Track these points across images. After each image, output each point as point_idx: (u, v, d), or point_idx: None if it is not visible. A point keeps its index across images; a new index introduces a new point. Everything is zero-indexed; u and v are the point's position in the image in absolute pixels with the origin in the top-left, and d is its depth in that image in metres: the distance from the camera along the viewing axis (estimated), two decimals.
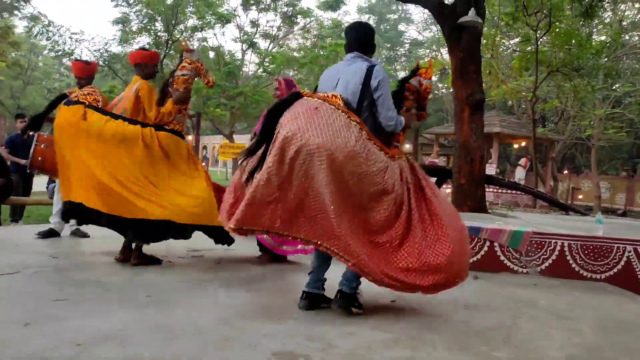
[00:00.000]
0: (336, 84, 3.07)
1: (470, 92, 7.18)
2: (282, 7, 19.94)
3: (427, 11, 12.94)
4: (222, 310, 3.03)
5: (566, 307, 3.74)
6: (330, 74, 3.19)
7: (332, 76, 3.14)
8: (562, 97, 17.23)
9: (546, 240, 4.90)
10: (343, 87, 3.04)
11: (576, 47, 12.04)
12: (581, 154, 25.54)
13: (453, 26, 7.10)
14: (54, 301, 3.01)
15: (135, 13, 15.98)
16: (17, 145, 7.53)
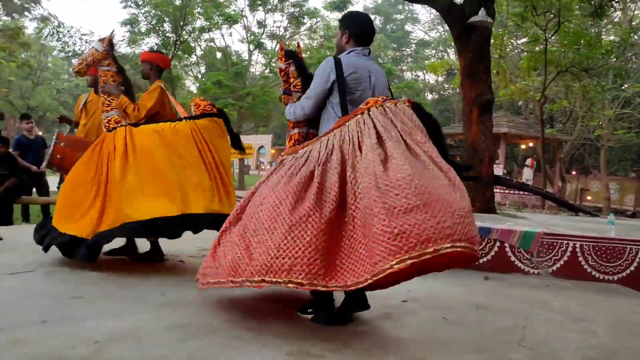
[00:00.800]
0: (372, 84, 2.89)
1: (479, 92, 7.17)
2: (289, 8, 19.97)
3: (433, 11, 12.93)
4: (236, 310, 3.05)
5: (579, 309, 3.73)
6: (362, 69, 2.86)
7: (365, 73, 2.87)
8: (571, 97, 17.15)
9: (557, 241, 4.88)
10: (381, 89, 2.91)
11: (585, 47, 11.98)
12: (589, 154, 25.40)
13: (462, 26, 7.08)
14: (69, 299, 3.03)
15: (144, 14, 16.07)
16: (24, 146, 7.59)
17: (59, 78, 32.24)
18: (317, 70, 2.89)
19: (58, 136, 4.44)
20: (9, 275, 3.52)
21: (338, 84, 2.81)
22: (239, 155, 16.12)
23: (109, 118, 4.07)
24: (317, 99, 2.88)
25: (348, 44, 2.94)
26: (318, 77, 2.86)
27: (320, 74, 2.86)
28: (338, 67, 2.81)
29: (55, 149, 4.37)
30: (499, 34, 13.33)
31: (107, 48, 4.13)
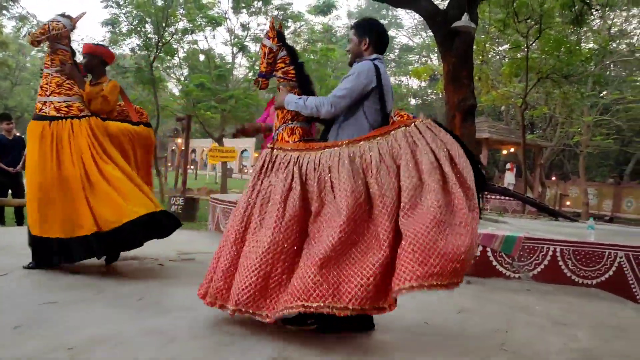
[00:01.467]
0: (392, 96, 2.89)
1: (462, 97, 7.20)
2: (273, 11, 19.92)
3: (417, 17, 13.04)
4: (217, 315, 2.99)
5: (561, 313, 3.75)
6: (389, 80, 2.84)
7: (389, 84, 2.85)
8: (551, 104, 17.38)
9: (538, 246, 4.91)
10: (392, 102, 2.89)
11: (565, 54, 12.15)
12: (569, 160, 25.78)
13: (446, 32, 7.11)
14: (44, 304, 2.94)
15: (125, 15, 15.83)
16: (3, 147, 7.40)
17: (38, 78, 31.71)
18: (356, 72, 2.72)
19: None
20: None
21: (379, 90, 2.75)
22: (222, 159, 15.92)
23: (70, 104, 3.81)
24: (351, 101, 2.72)
25: (367, 50, 2.86)
26: (358, 79, 2.70)
27: (362, 76, 2.71)
28: (378, 74, 2.74)
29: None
30: (481, 40, 13.45)
31: (72, 27, 3.92)
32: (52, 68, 3.84)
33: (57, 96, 3.80)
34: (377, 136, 2.62)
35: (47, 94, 3.80)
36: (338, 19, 29.13)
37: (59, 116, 3.75)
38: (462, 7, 6.82)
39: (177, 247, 5.32)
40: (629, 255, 4.79)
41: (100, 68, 4.18)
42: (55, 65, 3.84)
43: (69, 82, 3.86)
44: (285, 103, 2.88)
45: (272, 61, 2.98)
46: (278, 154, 2.79)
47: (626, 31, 17.90)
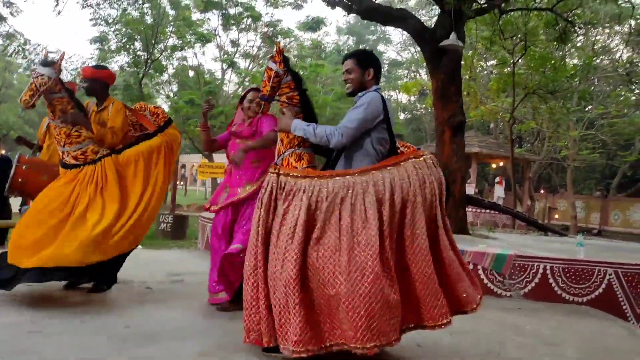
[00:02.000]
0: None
1: (451, 114, 7.25)
2: (262, 28, 20.03)
3: (405, 32, 13.14)
4: (204, 341, 2.94)
5: (551, 332, 3.73)
6: (392, 114, 2.91)
7: (393, 116, 2.93)
8: (538, 119, 17.55)
9: (528, 263, 4.91)
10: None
11: (551, 70, 12.31)
12: (557, 173, 25.98)
13: (434, 49, 7.18)
14: (26, 333, 2.88)
15: (114, 32, 15.86)
16: None
17: None
18: (366, 103, 2.75)
19: (19, 159, 4.26)
20: None
21: (386, 121, 2.80)
22: (212, 175, 15.87)
23: (85, 149, 3.86)
24: (360, 131, 2.74)
25: (371, 81, 2.89)
26: (367, 110, 2.73)
27: (372, 107, 2.75)
28: (384, 105, 2.79)
29: (16, 173, 4.19)
30: (468, 56, 13.60)
31: (58, 73, 3.79)
32: (56, 120, 3.84)
33: (69, 146, 3.85)
34: (388, 166, 2.67)
35: (62, 145, 3.87)
36: (327, 35, 29.44)
37: (77, 164, 3.85)
38: (449, 26, 6.89)
39: (166, 267, 5.27)
40: (618, 272, 4.80)
41: (104, 91, 4.19)
42: (58, 116, 3.82)
43: (76, 128, 3.86)
44: (292, 128, 2.84)
45: (277, 85, 2.94)
46: (287, 180, 2.72)
47: (609, 47, 18.18)
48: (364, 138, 2.78)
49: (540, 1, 9.39)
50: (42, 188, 3.89)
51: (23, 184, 4.24)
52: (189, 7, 18.57)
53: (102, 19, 15.68)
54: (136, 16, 14.95)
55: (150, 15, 15.33)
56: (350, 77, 2.89)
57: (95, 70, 4.27)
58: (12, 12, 16.25)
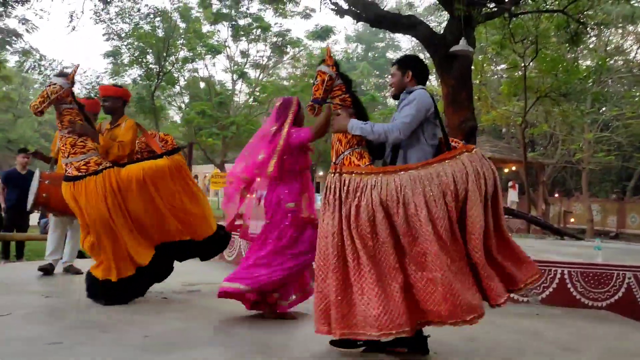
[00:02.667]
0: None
1: (462, 119, 7.24)
2: (272, 38, 20.18)
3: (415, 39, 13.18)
4: (223, 351, 2.95)
5: (571, 339, 3.69)
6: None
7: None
8: (551, 122, 17.43)
9: (546, 268, 4.86)
10: None
11: (563, 73, 12.24)
12: (571, 177, 25.74)
13: (444, 55, 7.18)
14: (47, 345, 2.91)
15: (127, 46, 16.09)
16: (12, 181, 7.41)
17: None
18: (415, 98, 2.89)
19: (41, 174, 4.31)
20: None
21: (436, 114, 2.95)
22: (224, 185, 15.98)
23: (88, 160, 3.86)
24: (414, 125, 2.87)
25: (410, 82, 3.04)
26: (419, 105, 2.87)
27: (423, 102, 2.88)
28: (433, 100, 2.94)
29: (40, 188, 4.22)
30: (479, 61, 13.58)
31: (71, 84, 3.86)
32: (63, 130, 3.89)
33: (74, 157, 3.86)
34: (447, 159, 2.78)
35: (66, 156, 3.88)
36: (336, 43, 29.34)
37: (80, 175, 3.84)
38: (458, 31, 6.89)
39: (181, 277, 5.28)
40: (638, 275, 4.74)
41: (122, 108, 4.28)
42: (65, 126, 3.87)
43: (82, 139, 3.89)
44: (349, 128, 2.94)
45: (330, 88, 3.05)
46: (350, 178, 2.79)
47: (623, 48, 18.04)
48: (418, 133, 2.91)
49: (551, 3, 9.35)
50: (64, 202, 3.95)
51: (47, 199, 4.29)
52: (199, 20, 18.80)
53: (115, 33, 15.93)
54: (148, 30, 15.17)
55: (161, 28, 15.55)
56: (392, 80, 3.11)
57: (119, 88, 4.43)
58: (28, 29, 16.58)
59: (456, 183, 2.71)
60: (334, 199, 2.77)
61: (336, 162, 2.94)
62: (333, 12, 7.81)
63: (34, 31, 16.39)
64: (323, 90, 3.01)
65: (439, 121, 2.98)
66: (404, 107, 2.93)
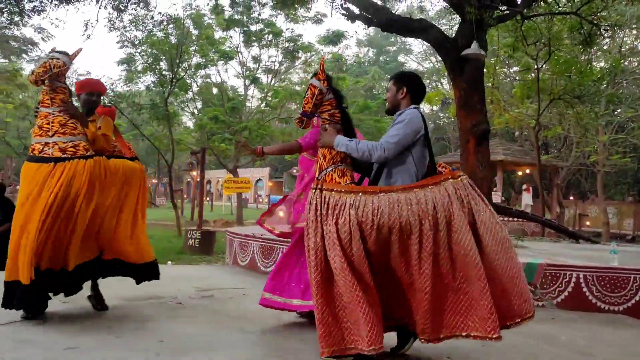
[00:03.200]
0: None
1: (475, 122, 7.19)
2: (284, 43, 20.24)
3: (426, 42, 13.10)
4: (236, 355, 2.97)
5: (587, 343, 3.65)
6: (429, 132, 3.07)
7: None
8: (565, 124, 17.26)
9: (561, 272, 4.82)
10: None
11: (577, 75, 12.12)
12: (586, 179, 25.46)
13: (455, 58, 7.16)
14: (64, 350, 2.95)
15: (140, 53, 16.23)
16: None
17: None
18: (405, 119, 2.84)
19: None
20: (1, 325, 3.42)
21: (425, 138, 2.90)
22: (237, 190, 15.99)
23: (77, 143, 3.63)
24: (401, 147, 2.82)
25: (404, 99, 2.99)
26: (408, 127, 2.82)
27: (413, 122, 2.84)
28: (424, 122, 2.90)
29: None
30: (491, 64, 13.50)
31: (70, 64, 3.70)
32: (52, 107, 3.64)
33: (62, 136, 3.61)
34: (430, 185, 2.74)
35: (49, 135, 3.60)
36: (348, 48, 29.38)
37: (65, 157, 3.56)
38: (470, 34, 6.86)
39: (195, 283, 5.33)
40: None
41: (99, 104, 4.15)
42: (57, 104, 3.64)
43: (73, 121, 3.67)
44: (335, 144, 2.92)
45: (319, 102, 3.04)
46: (331, 195, 2.79)
47: (637, 49, 17.83)
48: (405, 154, 2.86)
49: (563, 5, 9.27)
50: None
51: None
52: (212, 26, 18.92)
53: (128, 41, 16.09)
54: (161, 37, 15.29)
55: (174, 35, 15.66)
56: (387, 96, 3.09)
57: (101, 83, 4.29)
58: (44, 37, 16.89)
59: (437, 211, 2.66)
60: (315, 215, 2.78)
61: (318, 178, 2.94)
62: (344, 17, 7.82)
63: (49, 40, 16.64)
64: (312, 104, 3.01)
65: (428, 144, 2.92)
66: (393, 126, 2.88)
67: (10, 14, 10.29)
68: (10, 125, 25.46)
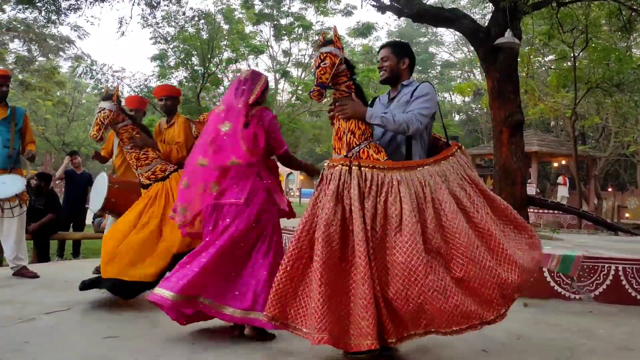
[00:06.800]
0: None
1: (508, 113, 7.05)
2: (314, 36, 20.25)
3: (458, 32, 12.90)
4: (269, 348, 3.01)
5: (626, 337, 3.56)
6: None
7: None
8: (603, 114, 16.78)
9: (599, 265, 4.71)
10: None
11: (615, 62, 11.75)
12: (625, 170, 24.70)
13: (488, 48, 7.02)
14: (104, 339, 3.04)
15: (173, 49, 16.50)
16: (72, 180, 7.81)
17: (93, 114, 33.19)
18: (429, 92, 2.88)
19: (110, 179, 4.46)
20: (45, 314, 3.56)
21: (439, 110, 3.00)
22: None
23: (154, 169, 4.06)
24: (429, 118, 2.90)
25: (406, 71, 3.01)
26: (432, 101, 2.89)
27: (434, 98, 2.92)
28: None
29: (109, 193, 4.39)
30: (525, 53, 13.19)
31: (117, 104, 4.02)
32: (126, 146, 4.08)
33: (141, 169, 4.07)
34: (449, 156, 2.83)
35: (135, 168, 4.12)
36: (378, 40, 28.98)
37: (149, 183, 4.06)
38: (504, 23, 6.72)
39: None
40: None
41: (176, 107, 4.51)
42: (127, 143, 4.06)
43: (144, 151, 4.06)
44: (367, 116, 2.76)
45: (337, 73, 2.78)
46: (372, 172, 2.65)
47: None
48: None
49: None
50: (128, 207, 4.11)
51: (115, 204, 4.43)
52: (242, 21, 19.05)
53: (161, 37, 16.35)
54: (193, 33, 15.49)
55: (205, 31, 15.84)
56: (385, 64, 2.99)
57: (176, 88, 4.66)
58: (80, 35, 17.28)
59: (464, 178, 2.81)
60: (359, 195, 2.61)
61: (349, 155, 2.74)
62: (374, 8, 7.75)
63: (85, 37, 17.04)
64: (331, 75, 2.71)
65: (440, 115, 3.06)
66: (418, 100, 2.84)
67: (47, 13, 10.57)
68: (50, 121, 26.23)
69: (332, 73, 2.71)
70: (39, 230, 6.89)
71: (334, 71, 2.72)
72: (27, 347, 2.84)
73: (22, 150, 5.07)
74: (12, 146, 4.88)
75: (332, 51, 2.73)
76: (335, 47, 2.75)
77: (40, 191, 7.06)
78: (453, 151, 2.86)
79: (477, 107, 28.75)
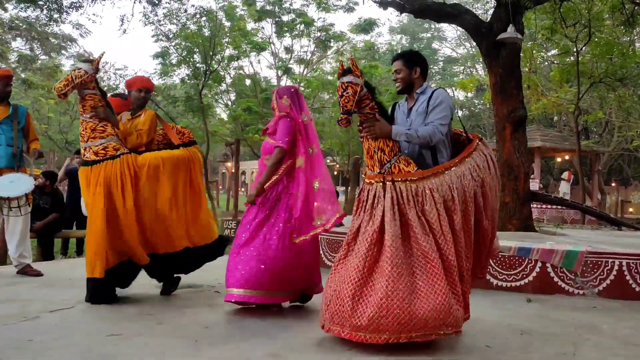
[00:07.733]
0: None
1: (511, 108, 7.04)
2: (315, 33, 20.21)
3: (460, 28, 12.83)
4: (274, 343, 3.01)
5: (630, 332, 3.55)
6: None
7: None
8: (606, 108, 16.72)
9: (602, 260, 4.70)
10: None
11: (618, 57, 11.71)
12: (629, 165, 24.64)
13: (491, 44, 7.00)
14: (108, 337, 3.05)
15: (175, 47, 16.47)
16: (75, 177, 7.82)
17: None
18: (443, 99, 3.09)
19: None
20: (49, 312, 3.57)
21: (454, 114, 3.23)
22: None
23: (106, 145, 3.87)
24: (448, 125, 3.14)
25: (418, 79, 3.21)
26: (448, 108, 3.10)
27: (450, 103, 3.13)
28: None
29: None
30: (528, 48, 13.15)
31: (95, 71, 3.86)
32: (85, 114, 3.91)
33: (93, 141, 3.89)
34: (472, 152, 3.08)
35: (85, 140, 3.91)
36: (380, 36, 28.87)
37: (97, 159, 3.86)
38: (506, 18, 6.70)
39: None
40: None
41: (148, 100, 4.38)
42: (87, 111, 3.90)
43: (102, 124, 3.91)
44: (394, 134, 3.04)
45: (360, 99, 3.02)
46: (405, 185, 2.94)
47: None
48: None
49: None
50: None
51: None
52: (244, 18, 19.02)
53: (163, 34, 16.33)
54: (194, 30, 15.46)
55: (207, 28, 15.81)
56: (399, 76, 3.22)
57: (150, 81, 4.54)
58: (82, 33, 17.31)
59: (485, 173, 3.08)
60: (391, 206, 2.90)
61: (382, 172, 3.02)
62: (376, 4, 7.73)
63: (87, 36, 17.08)
64: (355, 102, 2.97)
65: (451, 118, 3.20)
66: (435, 108, 3.07)
67: (49, 11, 10.58)
68: (52, 120, 26.26)
69: (357, 100, 2.98)
70: (43, 229, 6.90)
71: (357, 98, 2.98)
72: (31, 345, 2.85)
73: (26, 149, 5.07)
74: (16, 144, 4.88)
75: (352, 80, 2.98)
76: (354, 76, 2.99)
77: (45, 190, 7.07)
78: (475, 146, 3.11)
79: (480, 103, 28.69)
